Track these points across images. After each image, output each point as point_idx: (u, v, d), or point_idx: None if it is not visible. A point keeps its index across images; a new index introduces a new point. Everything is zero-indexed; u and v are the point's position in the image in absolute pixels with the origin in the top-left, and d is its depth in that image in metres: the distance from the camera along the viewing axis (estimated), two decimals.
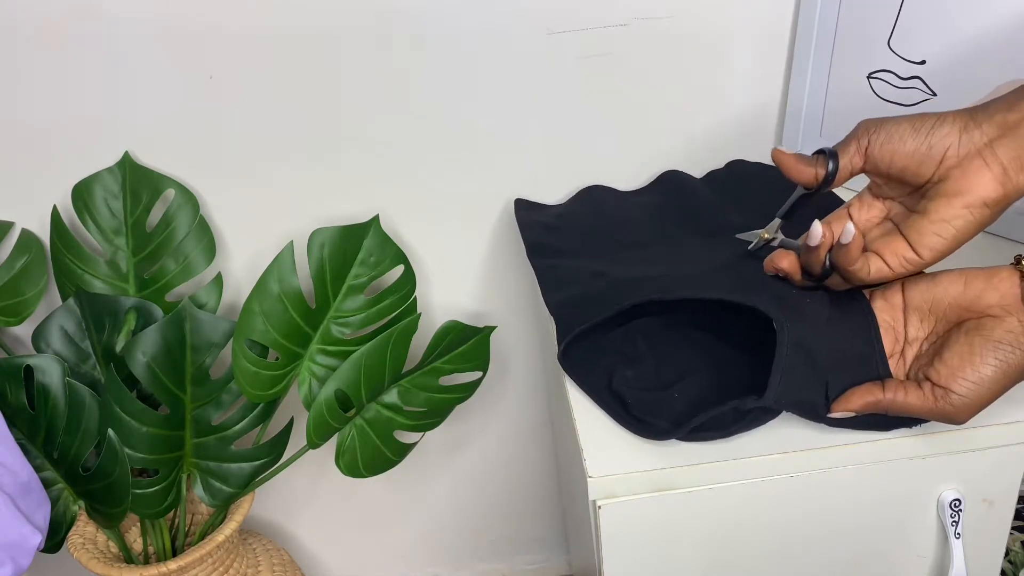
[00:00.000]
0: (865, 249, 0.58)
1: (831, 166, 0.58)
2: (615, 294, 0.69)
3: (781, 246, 0.68)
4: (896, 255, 0.57)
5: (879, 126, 0.58)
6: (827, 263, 0.59)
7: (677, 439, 0.60)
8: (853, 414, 0.58)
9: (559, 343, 0.68)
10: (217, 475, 0.88)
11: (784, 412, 0.60)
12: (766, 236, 0.69)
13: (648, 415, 0.61)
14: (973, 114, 0.55)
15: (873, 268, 0.58)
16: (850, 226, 0.56)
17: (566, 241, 0.82)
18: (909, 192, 0.59)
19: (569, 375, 0.66)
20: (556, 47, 0.85)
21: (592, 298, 0.70)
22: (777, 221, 0.68)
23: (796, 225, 0.65)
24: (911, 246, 0.56)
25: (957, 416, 0.55)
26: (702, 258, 0.74)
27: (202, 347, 0.85)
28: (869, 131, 0.58)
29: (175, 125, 0.87)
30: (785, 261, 0.62)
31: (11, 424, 0.82)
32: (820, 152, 0.60)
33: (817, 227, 0.58)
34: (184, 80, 0.84)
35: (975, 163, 0.54)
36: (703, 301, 0.63)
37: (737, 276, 0.68)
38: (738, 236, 0.72)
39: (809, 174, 0.59)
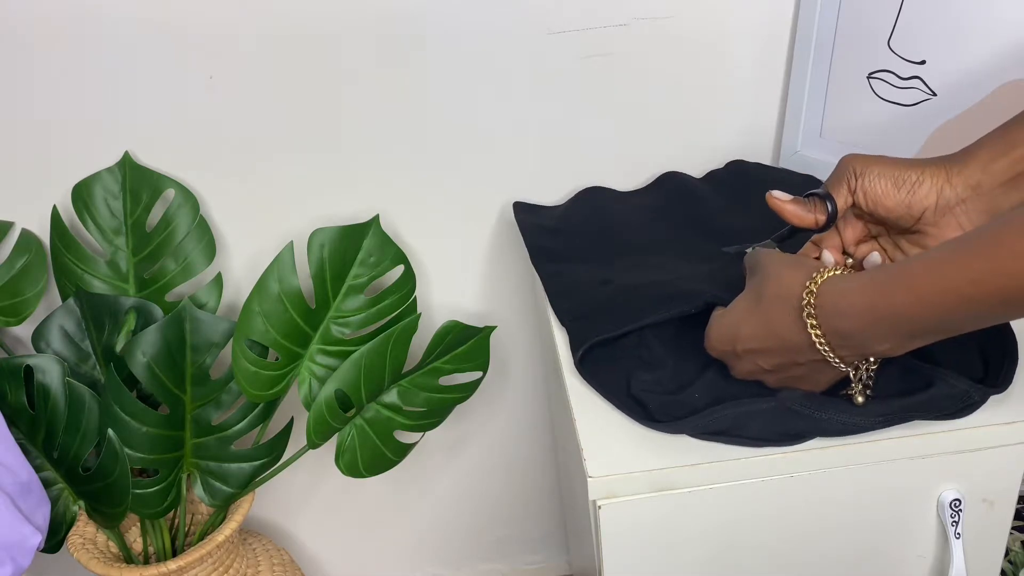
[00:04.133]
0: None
1: (831, 208, 0.60)
2: (625, 304, 0.69)
3: None
4: None
5: (863, 169, 0.59)
6: None
7: (693, 434, 0.60)
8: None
9: (574, 353, 0.68)
10: (217, 475, 0.88)
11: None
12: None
13: (671, 418, 0.61)
14: (949, 173, 0.57)
15: None
16: (876, 256, 0.61)
17: (569, 244, 0.82)
18: (885, 223, 0.62)
19: (587, 382, 0.66)
20: (556, 47, 0.85)
21: (603, 308, 0.70)
22: (770, 242, 0.67)
23: (792, 244, 0.65)
24: None
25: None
26: (702, 267, 0.73)
27: (202, 347, 0.85)
28: (855, 172, 0.60)
29: (175, 125, 0.87)
30: None
31: (11, 424, 0.82)
32: (813, 195, 0.62)
33: (829, 256, 0.62)
34: (184, 80, 0.84)
35: (951, 227, 0.57)
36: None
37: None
38: (724, 249, 0.70)
39: (810, 220, 0.62)
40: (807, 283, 0.54)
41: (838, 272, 0.54)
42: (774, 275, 0.57)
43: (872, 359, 0.57)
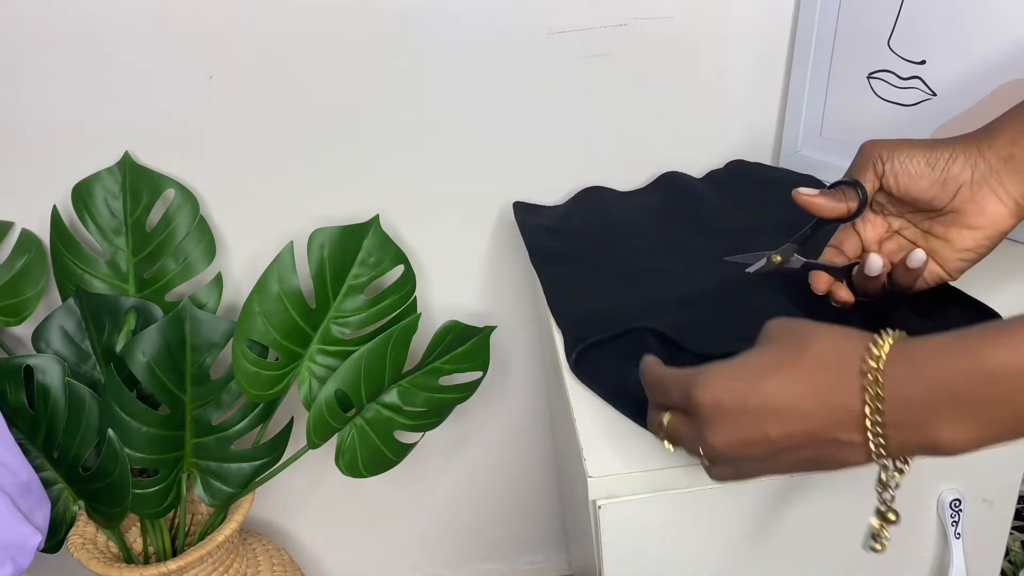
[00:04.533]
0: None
1: (861, 194, 0.60)
2: (624, 320, 0.69)
3: (806, 268, 0.65)
4: (931, 274, 0.61)
5: (891, 153, 0.58)
6: (885, 285, 0.61)
7: None
8: None
9: (568, 355, 0.68)
10: (217, 475, 0.88)
11: None
12: (778, 259, 0.66)
13: None
14: (979, 145, 0.57)
15: (918, 286, 0.62)
16: (920, 253, 0.58)
17: (569, 245, 0.82)
18: (913, 211, 0.61)
19: (584, 383, 0.66)
20: (556, 47, 0.85)
21: (602, 320, 0.70)
22: (792, 246, 0.65)
23: (810, 246, 0.65)
24: (942, 268, 0.61)
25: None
26: (707, 280, 0.73)
27: (202, 347, 0.85)
28: (881, 157, 0.59)
29: (175, 125, 0.87)
30: (822, 284, 0.64)
31: (11, 424, 0.82)
32: (841, 183, 0.61)
33: (877, 260, 0.60)
34: (184, 80, 0.84)
35: (989, 199, 0.57)
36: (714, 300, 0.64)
37: (742, 309, 0.68)
38: (726, 259, 0.68)
39: (842, 210, 0.60)
40: (871, 343, 0.43)
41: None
42: (822, 334, 0.47)
43: (908, 460, 0.46)
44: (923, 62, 0.76)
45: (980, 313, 0.63)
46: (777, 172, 0.89)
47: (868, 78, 0.81)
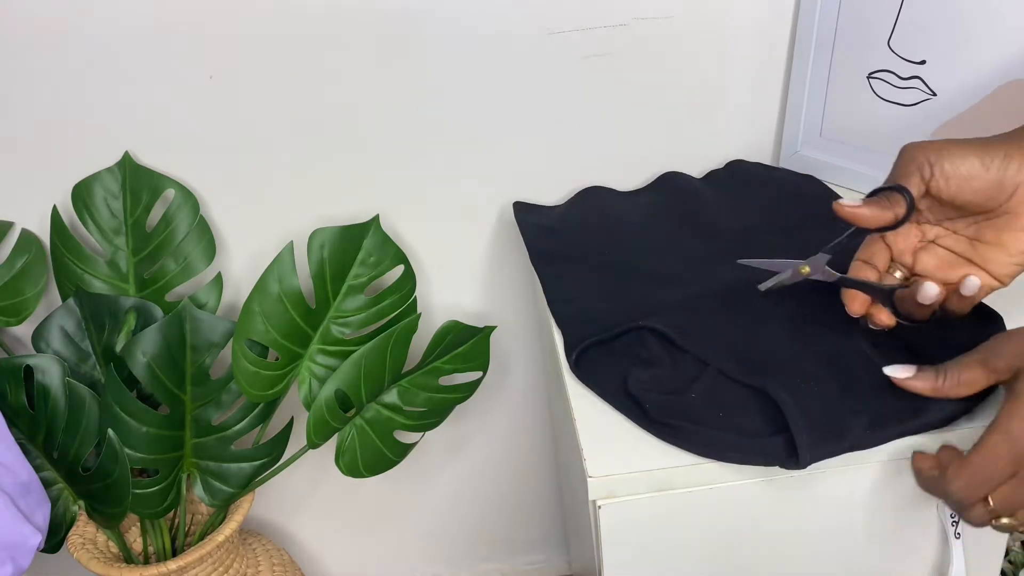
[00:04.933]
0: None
1: (909, 201, 0.57)
2: (624, 320, 0.69)
3: (841, 284, 0.62)
4: (982, 290, 0.58)
5: (939, 155, 0.56)
6: (936, 312, 0.59)
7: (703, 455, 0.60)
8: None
9: (568, 355, 0.68)
10: (217, 475, 0.88)
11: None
12: (806, 271, 0.63)
13: (669, 418, 0.61)
14: None
15: (970, 305, 0.59)
16: (975, 280, 0.56)
17: (569, 245, 0.82)
18: (953, 217, 0.59)
19: (584, 383, 0.66)
20: (556, 47, 0.85)
21: (602, 320, 0.70)
22: (823, 256, 0.62)
23: (842, 256, 0.63)
24: (992, 276, 0.58)
25: None
26: (707, 280, 0.73)
27: (202, 347, 0.85)
28: (929, 160, 0.56)
29: (175, 125, 0.87)
30: (858, 305, 0.61)
31: (11, 424, 0.82)
32: (886, 189, 0.58)
33: (932, 288, 0.57)
34: (184, 80, 0.84)
35: None
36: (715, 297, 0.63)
37: (755, 322, 0.67)
38: (740, 262, 0.66)
39: (889, 218, 0.57)
40: None
41: None
42: None
43: None
44: (923, 62, 0.76)
45: (985, 315, 0.63)
46: (777, 172, 0.89)
47: (868, 78, 0.81)
